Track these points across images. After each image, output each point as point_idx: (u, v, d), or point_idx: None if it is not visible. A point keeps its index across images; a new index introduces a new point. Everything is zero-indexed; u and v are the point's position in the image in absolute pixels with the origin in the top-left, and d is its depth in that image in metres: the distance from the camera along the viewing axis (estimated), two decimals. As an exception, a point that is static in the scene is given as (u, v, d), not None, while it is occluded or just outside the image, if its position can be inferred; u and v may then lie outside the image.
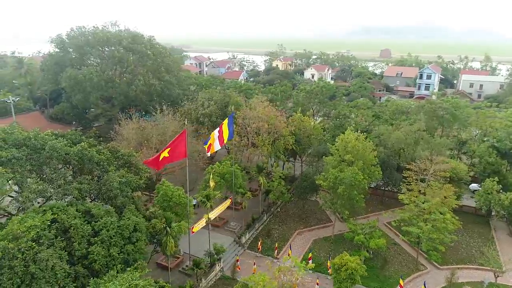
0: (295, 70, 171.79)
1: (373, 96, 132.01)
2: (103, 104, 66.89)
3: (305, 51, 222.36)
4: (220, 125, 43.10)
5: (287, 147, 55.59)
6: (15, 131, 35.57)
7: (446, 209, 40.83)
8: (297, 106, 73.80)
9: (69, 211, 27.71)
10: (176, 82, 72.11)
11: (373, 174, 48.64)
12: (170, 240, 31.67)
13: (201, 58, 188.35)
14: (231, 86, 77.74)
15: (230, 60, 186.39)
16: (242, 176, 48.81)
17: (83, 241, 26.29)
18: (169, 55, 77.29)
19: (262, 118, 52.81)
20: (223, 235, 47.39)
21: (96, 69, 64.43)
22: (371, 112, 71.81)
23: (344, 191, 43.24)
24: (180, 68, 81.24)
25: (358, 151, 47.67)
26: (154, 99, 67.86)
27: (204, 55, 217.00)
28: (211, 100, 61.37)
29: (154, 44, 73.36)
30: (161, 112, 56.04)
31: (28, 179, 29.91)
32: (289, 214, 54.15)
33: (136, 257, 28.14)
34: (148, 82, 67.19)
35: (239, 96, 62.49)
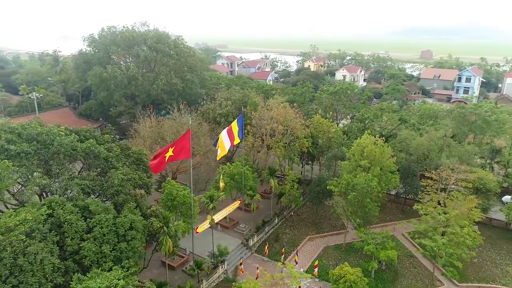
0: (327, 71, 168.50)
1: (406, 99, 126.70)
2: (126, 101, 68.69)
3: (340, 52, 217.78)
4: (229, 126, 42.59)
5: (303, 150, 54.15)
6: (31, 126, 36.90)
7: (466, 222, 37.89)
8: (320, 108, 72.02)
9: (66, 206, 28.26)
10: (198, 82, 72.65)
11: (390, 182, 46.24)
12: (167, 240, 31.51)
13: (233, 58, 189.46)
14: (254, 86, 77.16)
15: (260, 61, 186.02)
16: (253, 178, 48.03)
17: (76, 236, 26.67)
18: (193, 54, 78.01)
19: (277, 119, 51.75)
20: (231, 236, 46.92)
21: (120, 68, 66.16)
22: (397, 116, 68.62)
23: (355, 198, 41.38)
24: (204, 68, 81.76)
25: (374, 156, 45.49)
26: (176, 97, 68.65)
27: (237, 55, 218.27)
28: (229, 100, 61.17)
29: (179, 44, 74.33)
30: (178, 111, 56.46)
31: (34, 173, 30.81)
32: (302, 219, 52.73)
33: (130, 255, 28.18)
34: (170, 81, 68.13)
35: (257, 97, 61.76)
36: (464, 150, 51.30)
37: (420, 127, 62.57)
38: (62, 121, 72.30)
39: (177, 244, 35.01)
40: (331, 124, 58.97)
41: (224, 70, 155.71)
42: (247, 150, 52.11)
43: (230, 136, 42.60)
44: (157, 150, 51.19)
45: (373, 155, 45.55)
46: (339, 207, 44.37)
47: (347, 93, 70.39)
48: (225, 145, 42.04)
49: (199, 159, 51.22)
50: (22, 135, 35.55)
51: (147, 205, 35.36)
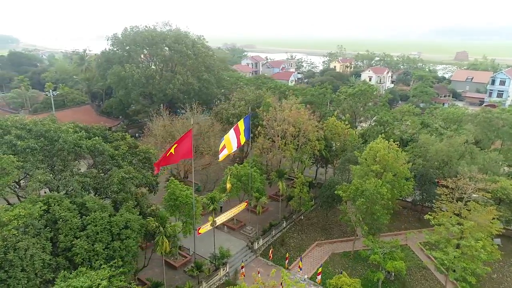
0: (353, 72, 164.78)
1: (435, 102, 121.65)
2: (143, 100, 69.74)
3: (368, 53, 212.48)
4: (236, 126, 42.02)
5: (315, 153, 52.81)
6: (42, 123, 37.86)
7: (481, 235, 35.40)
8: (338, 109, 70.19)
9: (64, 203, 28.64)
10: (215, 81, 72.69)
11: (403, 189, 44.12)
12: (163, 240, 31.33)
13: (258, 58, 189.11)
14: (271, 86, 76.29)
15: (285, 61, 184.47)
16: (261, 180, 47.28)
17: (70, 233, 26.93)
18: (211, 54, 78.14)
19: (288, 121, 50.69)
20: (237, 238, 46.36)
21: (138, 67, 67.22)
22: (419, 119, 65.73)
23: (363, 204, 39.74)
24: (224, 68, 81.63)
25: (387, 161, 43.59)
26: (192, 97, 68.96)
27: (262, 55, 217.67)
28: (242, 100, 60.71)
29: (196, 44, 74.61)
30: (191, 110, 56.56)
31: (36, 170, 31.45)
32: (312, 223, 51.38)
33: (123, 254, 28.17)
34: (187, 80, 68.49)
35: (272, 97, 60.88)
36: (487, 157, 48.25)
37: (443, 131, 59.54)
38: (83, 118, 74.41)
39: (176, 244, 34.79)
40: (346, 127, 57.16)
41: (248, 70, 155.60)
42: (257, 151, 51.39)
43: (237, 136, 42.06)
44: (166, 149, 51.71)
45: (386, 160, 43.70)
46: (348, 212, 42.80)
47: (366, 95, 68.15)
48: (232, 145, 41.52)
49: (208, 159, 51.05)
50: (32, 132, 36.55)
51: (148, 204, 35.29)
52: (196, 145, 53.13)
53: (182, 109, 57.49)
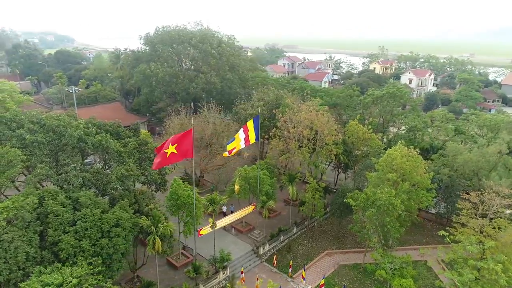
0: (392, 74, 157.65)
1: (482, 108, 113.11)
2: (166, 98, 70.70)
3: (412, 54, 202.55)
4: (245, 125, 41.02)
5: (331, 157, 50.49)
6: (54, 118, 39.13)
7: (504, 257, 31.63)
8: (365, 113, 66.89)
9: (59, 198, 29.17)
10: (238, 81, 72.11)
11: (422, 200, 40.79)
12: (155, 240, 31.00)
13: (295, 58, 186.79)
14: (296, 87, 74.35)
15: (321, 62, 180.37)
16: (271, 183, 45.89)
17: (59, 228, 27.29)
18: (237, 54, 77.60)
19: (304, 123, 48.79)
20: (243, 242, 45.32)
21: (163, 65, 68.21)
22: (452, 126, 60.93)
23: (373, 215, 37.14)
24: (249, 68, 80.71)
25: (405, 170, 40.53)
26: (214, 96, 68.89)
27: (300, 55, 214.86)
28: (261, 101, 59.57)
29: (222, 43, 74.34)
30: (208, 109, 56.35)
31: (39, 163, 32.36)
32: (324, 231, 49.15)
33: (110, 252, 28.13)
34: (210, 80, 68.48)
35: (292, 98, 59.13)
36: (523, 170, 43.48)
37: (478, 139, 54.64)
38: (111, 114, 76.90)
39: (171, 244, 34.37)
40: (368, 131, 54.10)
41: (282, 70, 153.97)
42: (270, 153, 49.99)
43: (245, 134, 41.09)
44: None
45: (403, 169, 40.66)
46: (358, 222, 40.28)
47: (395, 98, 64.25)
48: (241, 143, 40.61)
49: (220, 159, 50.50)
50: (45, 126, 37.84)
51: (147, 203, 35.22)
52: (209, 145, 52.87)
53: (200, 108, 57.34)
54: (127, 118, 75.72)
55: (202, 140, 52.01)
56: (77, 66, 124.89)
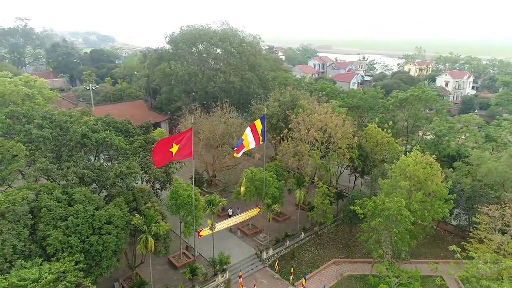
0: (428, 76, 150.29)
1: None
2: (184, 97, 71.02)
3: (451, 55, 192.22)
4: (252, 125, 40.07)
5: (344, 162, 48.38)
6: (63, 114, 40.09)
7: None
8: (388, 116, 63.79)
9: (54, 193, 29.59)
10: (257, 81, 71.12)
11: (437, 211, 37.88)
12: (147, 239, 30.70)
13: (326, 59, 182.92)
14: (317, 88, 72.30)
15: (352, 62, 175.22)
16: (278, 186, 44.57)
17: (51, 223, 27.59)
18: (259, 54, 76.60)
19: (316, 125, 47.00)
20: (248, 245, 44.29)
21: (182, 64, 68.56)
22: (483, 132, 56.70)
23: (379, 225, 34.91)
24: (271, 68, 79.48)
25: (419, 178, 37.88)
26: (232, 96, 68.39)
27: (332, 56, 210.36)
28: (277, 101, 58.29)
29: (243, 42, 73.60)
30: (222, 109, 55.86)
31: (40, 158, 33.04)
32: (334, 238, 47.14)
33: (100, 249, 28.09)
34: (228, 79, 68.04)
35: (309, 99, 57.37)
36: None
37: (508, 147, 50.31)
38: (133, 112, 78.38)
39: (167, 245, 34.00)
40: (387, 136, 51.37)
41: (311, 71, 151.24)
42: (280, 155, 48.63)
43: (254, 135, 40.18)
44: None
45: (416, 176, 38.03)
46: (366, 231, 38.07)
47: (420, 101, 60.73)
48: (250, 142, 39.77)
49: (229, 160, 49.82)
50: (54, 122, 38.82)
51: (146, 201, 35.09)
52: (220, 145, 52.31)
53: (214, 107, 56.98)
54: (148, 116, 76.92)
55: (213, 140, 51.52)
56: (110, 64, 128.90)
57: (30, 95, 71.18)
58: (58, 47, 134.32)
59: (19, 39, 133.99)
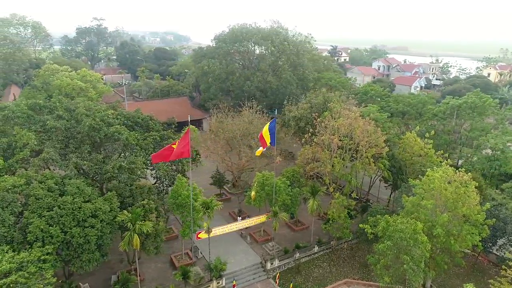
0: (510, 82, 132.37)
1: None
2: (221, 95, 70.55)
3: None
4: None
5: (369, 172, 43.75)
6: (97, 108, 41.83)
7: None
8: (437, 124, 56.88)
9: (47, 182, 30.52)
10: (295, 81, 68.05)
11: (465, 239, 32.07)
12: (133, 236, 30.22)
13: (392, 60, 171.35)
14: (360, 91, 67.01)
15: (419, 64, 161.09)
16: (292, 193, 41.69)
17: (37, 211, 28.35)
18: (302, 53, 73.32)
19: (340, 130, 43.09)
20: (255, 252, 42.10)
21: (221, 62, 68.25)
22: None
23: (388, 249, 30.48)
24: (325, 68, 75.47)
25: (446, 198, 32.45)
26: (268, 96, 66.39)
27: (400, 57, 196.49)
28: (308, 103, 55.01)
29: (285, 41, 70.96)
30: (249, 109, 54.27)
31: (46, 148, 34.39)
32: (352, 256, 42.80)
33: (80, 242, 28.21)
34: (265, 78, 66.11)
35: (343, 101, 53.17)
36: None
37: None
38: (175, 108, 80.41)
39: (158, 244, 33.33)
40: (427, 147, 45.39)
41: (371, 72, 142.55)
42: (299, 161, 45.48)
43: (261, 140, 38.14)
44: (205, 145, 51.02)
45: (444, 196, 32.63)
46: (377, 254, 33.60)
47: (477, 110, 52.97)
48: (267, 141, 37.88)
49: (245, 162, 48.02)
50: (74, 114, 40.53)
51: (144, 198, 34.80)
52: (240, 146, 50.74)
53: (241, 106, 55.56)
54: (190, 112, 77.82)
55: (235, 140, 50.18)
56: (170, 62, 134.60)
57: (84, 88, 76.47)
58: (126, 45, 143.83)
59: (94, 38, 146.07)
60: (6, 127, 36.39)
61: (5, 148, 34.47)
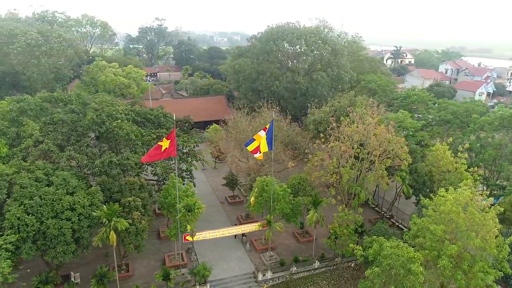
0: None
1: None
2: (251, 95, 68.80)
3: None
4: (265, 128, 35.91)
5: (382, 186, 39.16)
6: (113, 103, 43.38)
7: None
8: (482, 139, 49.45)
9: (37, 172, 31.67)
10: (328, 82, 63.88)
11: (475, 276, 26.78)
12: (108, 232, 30.05)
13: (462, 63, 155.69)
14: (399, 96, 60.80)
15: (493, 69, 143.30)
16: (295, 202, 38.86)
17: (20, 199, 29.39)
18: (339, 53, 68.69)
19: (352, 138, 39.15)
20: (251, 260, 40.02)
21: (252, 62, 66.71)
22: None
23: (375, 277, 26.60)
24: (346, 68, 69.89)
25: (458, 225, 27.53)
26: (297, 97, 63.38)
27: (474, 60, 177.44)
28: (331, 106, 51.22)
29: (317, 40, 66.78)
30: (268, 109, 52.19)
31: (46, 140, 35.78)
32: (356, 276, 38.56)
33: (54, 233, 28.66)
34: (295, 79, 63.18)
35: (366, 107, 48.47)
36: None
37: None
38: (211, 106, 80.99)
39: (139, 243, 32.94)
40: (456, 162, 39.46)
41: (432, 75, 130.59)
42: (307, 168, 42.26)
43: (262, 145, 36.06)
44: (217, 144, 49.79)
45: (455, 222, 27.75)
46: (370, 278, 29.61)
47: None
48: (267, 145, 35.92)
49: (252, 166, 45.95)
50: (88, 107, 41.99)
51: (134, 194, 34.72)
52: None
53: (260, 107, 53.54)
54: (224, 111, 77.90)
55: (239, 140, 48.48)
56: (221, 61, 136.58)
57: (126, 84, 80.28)
58: (182, 44, 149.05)
59: (154, 37, 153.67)
60: (20, 118, 38.74)
61: (14, 137, 36.64)
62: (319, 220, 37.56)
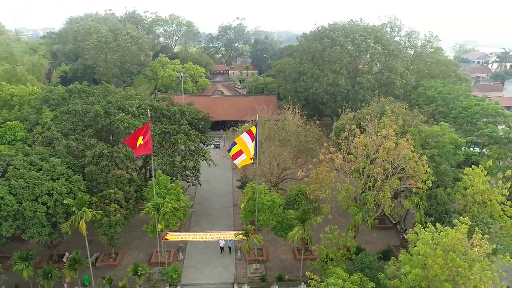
0: None
1: None
2: (292, 96, 65.04)
3: None
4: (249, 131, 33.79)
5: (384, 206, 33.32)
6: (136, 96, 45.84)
7: None
8: None
9: (33, 156, 34.40)
10: (374, 86, 56.97)
11: None
12: (78, 221, 31.05)
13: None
14: (461, 105, 51.13)
15: None
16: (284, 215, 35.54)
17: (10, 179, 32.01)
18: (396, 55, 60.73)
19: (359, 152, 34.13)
20: (236, 269, 37.87)
21: (295, 61, 63.30)
22: None
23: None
24: (399, 72, 61.33)
25: (435, 272, 21.86)
26: (338, 101, 58.14)
27: None
28: (360, 113, 45.76)
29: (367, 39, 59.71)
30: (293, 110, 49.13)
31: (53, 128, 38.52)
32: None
33: (30, 215, 30.60)
34: (336, 81, 58.03)
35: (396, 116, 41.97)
36: None
37: None
38: (255, 106, 79.50)
39: (116, 236, 33.62)
40: (493, 190, 31.62)
41: None
42: (310, 178, 38.14)
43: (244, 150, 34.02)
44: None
45: (455, 266, 22.12)
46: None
47: None
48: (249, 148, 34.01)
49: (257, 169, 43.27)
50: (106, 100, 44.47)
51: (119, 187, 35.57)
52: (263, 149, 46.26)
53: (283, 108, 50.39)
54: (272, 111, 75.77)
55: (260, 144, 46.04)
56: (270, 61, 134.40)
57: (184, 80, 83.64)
58: (258, 43, 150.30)
59: (233, 35, 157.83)
60: (44, 106, 42.74)
61: (34, 123, 40.49)
62: (306, 239, 33.64)
